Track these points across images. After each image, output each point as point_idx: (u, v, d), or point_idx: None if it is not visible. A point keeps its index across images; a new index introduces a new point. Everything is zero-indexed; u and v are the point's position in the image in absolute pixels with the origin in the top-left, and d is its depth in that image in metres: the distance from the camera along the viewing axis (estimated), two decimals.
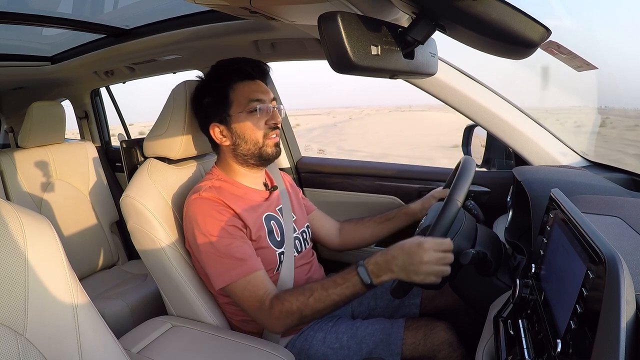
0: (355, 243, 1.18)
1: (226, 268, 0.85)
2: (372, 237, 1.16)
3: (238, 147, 0.96)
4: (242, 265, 0.85)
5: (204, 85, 0.99)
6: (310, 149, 11.92)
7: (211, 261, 0.87)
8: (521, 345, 0.53)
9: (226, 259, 0.85)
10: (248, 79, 0.95)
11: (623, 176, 1.02)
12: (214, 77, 0.97)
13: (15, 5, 1.16)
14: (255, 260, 0.88)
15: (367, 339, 0.90)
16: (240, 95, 0.94)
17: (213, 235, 0.86)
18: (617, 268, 0.37)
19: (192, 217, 0.89)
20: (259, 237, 0.93)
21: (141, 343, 0.88)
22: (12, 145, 2.32)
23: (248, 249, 0.88)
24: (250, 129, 0.94)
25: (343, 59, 0.52)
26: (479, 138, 1.32)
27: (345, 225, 1.19)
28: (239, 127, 0.94)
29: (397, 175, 1.40)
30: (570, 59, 0.85)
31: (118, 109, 2.19)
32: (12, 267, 0.51)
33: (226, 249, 0.86)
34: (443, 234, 0.76)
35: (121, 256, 1.93)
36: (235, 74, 0.95)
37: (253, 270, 0.85)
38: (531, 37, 0.50)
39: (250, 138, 0.95)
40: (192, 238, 0.90)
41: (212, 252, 0.86)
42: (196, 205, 0.90)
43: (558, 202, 0.58)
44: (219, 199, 0.89)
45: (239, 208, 0.91)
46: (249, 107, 0.93)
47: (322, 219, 1.20)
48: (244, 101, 0.94)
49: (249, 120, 0.94)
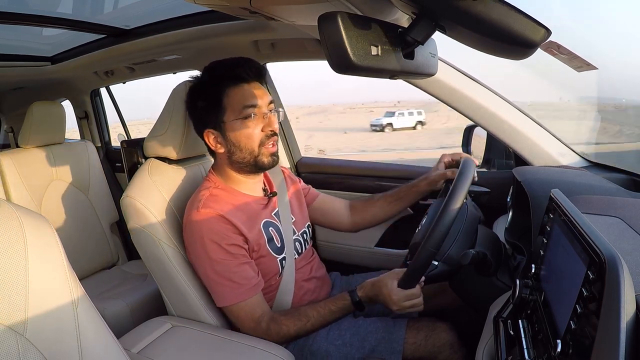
0: (368, 221, 1.15)
1: (224, 290, 0.88)
2: (385, 215, 1.14)
3: (233, 155, 0.92)
4: (239, 289, 0.87)
5: (197, 88, 0.94)
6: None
7: (210, 282, 0.90)
8: (521, 346, 0.53)
9: (225, 281, 0.88)
10: (242, 83, 0.90)
11: (623, 176, 1.02)
12: (207, 80, 0.92)
13: (15, 5, 1.16)
14: (254, 283, 0.89)
15: (370, 337, 0.90)
16: (234, 101, 0.89)
17: (213, 257, 0.87)
18: (617, 268, 0.37)
19: (192, 234, 0.89)
20: (259, 246, 0.92)
21: (141, 343, 0.88)
22: (12, 146, 2.32)
23: (248, 271, 0.89)
24: (246, 137, 0.90)
25: (343, 59, 0.52)
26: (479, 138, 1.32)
27: (355, 205, 1.17)
28: (234, 135, 0.90)
29: (397, 176, 1.40)
30: (570, 59, 0.85)
31: (118, 109, 2.20)
32: (12, 267, 0.51)
33: (225, 272, 0.87)
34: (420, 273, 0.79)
35: (121, 256, 1.92)
36: (228, 78, 0.89)
37: (251, 295, 0.88)
38: (531, 37, 0.50)
39: (246, 147, 0.90)
40: (192, 255, 0.92)
41: (211, 274, 0.89)
42: (196, 224, 0.88)
43: (558, 203, 0.58)
44: (217, 214, 0.87)
45: (238, 221, 0.89)
46: (243, 114, 0.89)
47: (330, 201, 1.17)
48: (238, 107, 0.89)
49: (244, 127, 0.89)
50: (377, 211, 1.14)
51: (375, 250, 1.41)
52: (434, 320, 0.91)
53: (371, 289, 0.87)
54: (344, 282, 1.16)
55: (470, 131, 1.31)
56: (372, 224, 1.16)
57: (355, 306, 0.89)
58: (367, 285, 0.89)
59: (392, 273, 0.86)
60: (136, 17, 1.35)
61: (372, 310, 1.07)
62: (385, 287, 0.84)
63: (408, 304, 0.82)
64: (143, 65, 1.62)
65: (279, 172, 1.11)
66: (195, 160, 1.14)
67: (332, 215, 1.16)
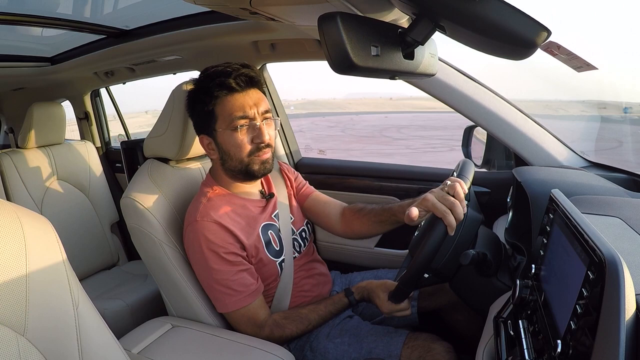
0: (355, 235, 1.07)
1: (225, 297, 0.89)
2: (370, 233, 1.06)
3: (225, 162, 0.93)
4: (239, 295, 0.88)
5: (193, 93, 0.93)
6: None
7: (210, 289, 0.92)
8: (521, 346, 0.53)
9: (225, 289, 0.88)
10: (234, 92, 0.88)
11: (623, 176, 1.02)
12: (201, 87, 0.91)
13: (15, 5, 1.16)
14: (253, 289, 0.90)
15: (369, 340, 0.91)
16: (224, 111, 0.88)
17: (212, 265, 0.88)
18: (617, 268, 0.37)
19: (192, 243, 0.90)
20: (257, 251, 0.93)
21: (142, 344, 0.88)
22: (13, 146, 2.32)
23: (247, 278, 0.89)
24: (234, 147, 0.89)
25: (343, 59, 0.52)
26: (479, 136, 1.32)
27: (347, 212, 1.08)
28: (224, 143, 0.90)
29: (397, 176, 1.40)
30: (570, 60, 0.85)
31: (118, 109, 2.20)
32: (13, 268, 0.51)
33: (224, 280, 0.88)
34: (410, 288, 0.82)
35: (121, 256, 1.93)
36: (219, 87, 0.88)
37: (250, 301, 0.89)
38: (531, 37, 0.50)
39: (235, 156, 0.90)
40: (192, 261, 0.93)
41: (210, 281, 0.90)
42: (195, 233, 0.89)
43: (558, 203, 0.58)
44: (216, 222, 0.88)
45: (237, 227, 0.90)
46: (232, 125, 0.88)
47: (322, 203, 1.10)
48: (228, 118, 0.88)
49: (233, 138, 0.89)
50: (363, 229, 1.04)
51: (375, 250, 1.41)
52: (432, 340, 0.88)
53: (365, 292, 0.94)
54: (344, 280, 1.16)
55: (470, 131, 1.31)
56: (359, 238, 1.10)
57: (351, 301, 0.96)
58: (361, 289, 0.95)
59: (383, 285, 0.91)
60: (136, 17, 1.35)
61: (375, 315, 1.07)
62: (377, 298, 0.91)
63: (397, 314, 0.89)
64: (143, 65, 1.62)
65: (277, 171, 1.11)
66: (194, 160, 1.14)
67: (322, 219, 1.10)
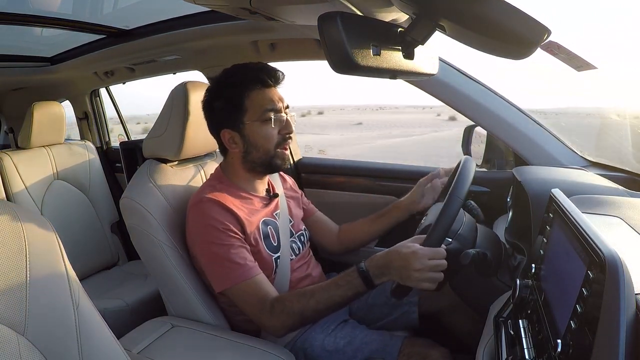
0: (354, 244, 1.18)
1: (227, 271, 0.87)
2: (369, 235, 1.16)
3: (249, 154, 0.95)
4: (242, 268, 0.87)
5: (215, 89, 0.96)
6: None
7: (212, 265, 0.90)
8: (521, 346, 0.53)
9: (227, 262, 0.87)
10: (264, 87, 0.93)
11: (623, 176, 1.02)
12: (228, 82, 0.95)
13: (15, 5, 1.16)
14: (255, 264, 0.90)
15: (363, 347, 0.91)
16: (256, 103, 0.92)
17: (214, 239, 0.88)
18: (617, 268, 0.37)
19: (194, 220, 0.91)
20: (255, 241, 0.93)
21: (142, 344, 0.88)
22: (12, 146, 2.32)
23: (247, 254, 0.90)
24: (264, 138, 0.93)
25: (343, 59, 0.52)
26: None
27: (342, 228, 1.20)
28: (253, 135, 0.93)
29: (397, 176, 1.40)
30: (570, 59, 0.85)
31: (118, 109, 2.20)
32: (12, 268, 0.51)
33: (226, 253, 0.87)
34: (444, 232, 0.76)
35: (121, 256, 1.92)
36: (252, 81, 0.93)
37: (254, 274, 0.88)
38: (531, 37, 0.50)
39: (263, 147, 0.94)
40: (194, 241, 0.92)
41: (212, 256, 0.89)
42: (198, 209, 0.90)
43: (558, 202, 0.58)
44: (220, 203, 0.89)
45: (240, 212, 0.91)
46: (264, 117, 0.92)
47: (323, 222, 1.20)
48: (260, 110, 0.92)
49: (263, 129, 0.93)
50: (361, 233, 1.16)
51: (375, 251, 1.40)
52: (429, 346, 0.89)
53: (382, 257, 0.79)
54: None
55: (470, 131, 1.31)
56: (358, 246, 1.18)
57: (363, 279, 0.79)
58: (377, 255, 0.81)
59: (407, 240, 0.80)
60: (136, 17, 1.35)
61: (372, 320, 1.07)
62: (398, 251, 0.77)
63: (433, 263, 0.73)
64: (143, 65, 1.62)
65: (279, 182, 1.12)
66: (194, 161, 1.14)
67: (321, 238, 1.18)
